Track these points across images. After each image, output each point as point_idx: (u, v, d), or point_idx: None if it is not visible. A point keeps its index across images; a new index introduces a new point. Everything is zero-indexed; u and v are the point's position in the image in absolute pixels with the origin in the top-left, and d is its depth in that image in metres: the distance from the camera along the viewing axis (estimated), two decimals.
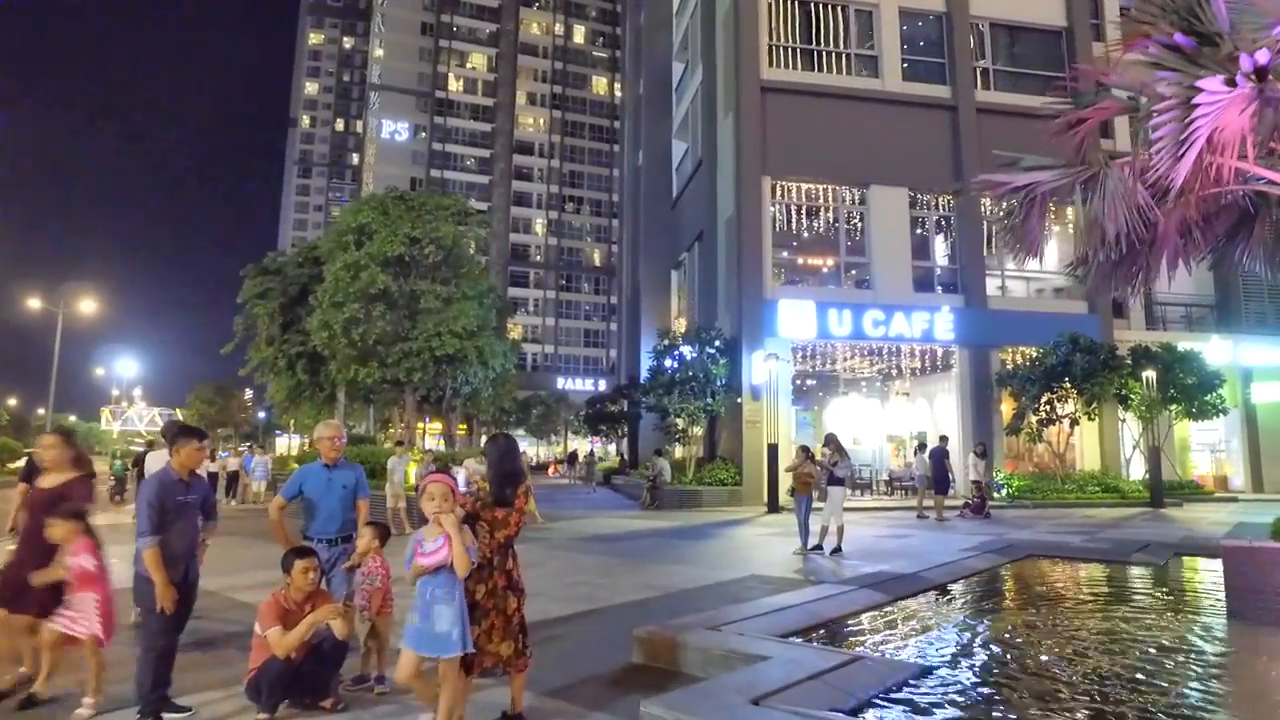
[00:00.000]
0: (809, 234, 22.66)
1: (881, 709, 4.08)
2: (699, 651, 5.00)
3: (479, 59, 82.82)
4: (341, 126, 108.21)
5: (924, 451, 17.64)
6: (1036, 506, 18.77)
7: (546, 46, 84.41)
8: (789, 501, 14.53)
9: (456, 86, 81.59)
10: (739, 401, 20.35)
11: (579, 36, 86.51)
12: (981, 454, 17.47)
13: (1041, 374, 19.80)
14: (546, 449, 67.91)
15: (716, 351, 20.52)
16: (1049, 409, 19.97)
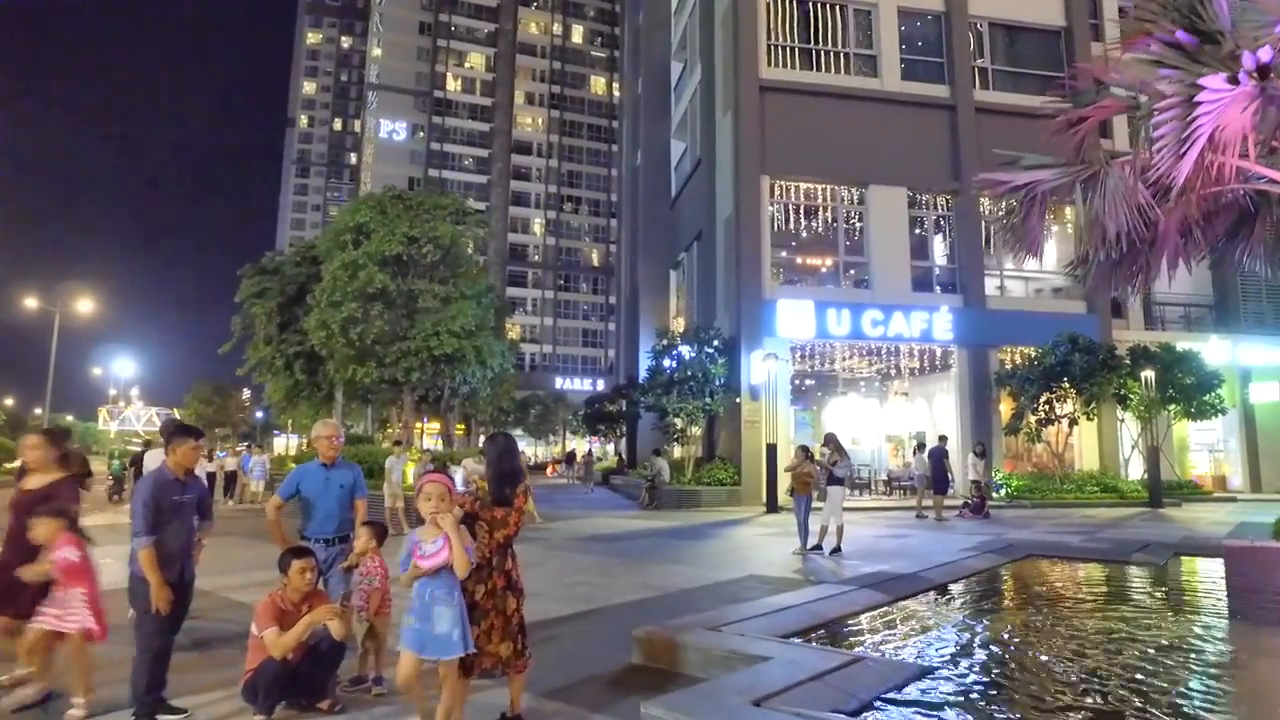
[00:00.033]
0: (808, 234, 22.65)
1: (884, 710, 4.05)
2: (699, 652, 4.97)
3: (477, 58, 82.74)
4: (339, 126, 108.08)
5: (923, 451, 17.64)
6: (1035, 506, 18.77)
7: (545, 46, 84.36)
8: (788, 501, 14.50)
9: (455, 86, 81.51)
10: (738, 401, 20.32)
11: (577, 36, 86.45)
12: (981, 454, 17.48)
13: (1040, 374, 19.79)
14: (545, 449, 67.86)
15: (715, 351, 20.50)
16: (1048, 409, 19.96)
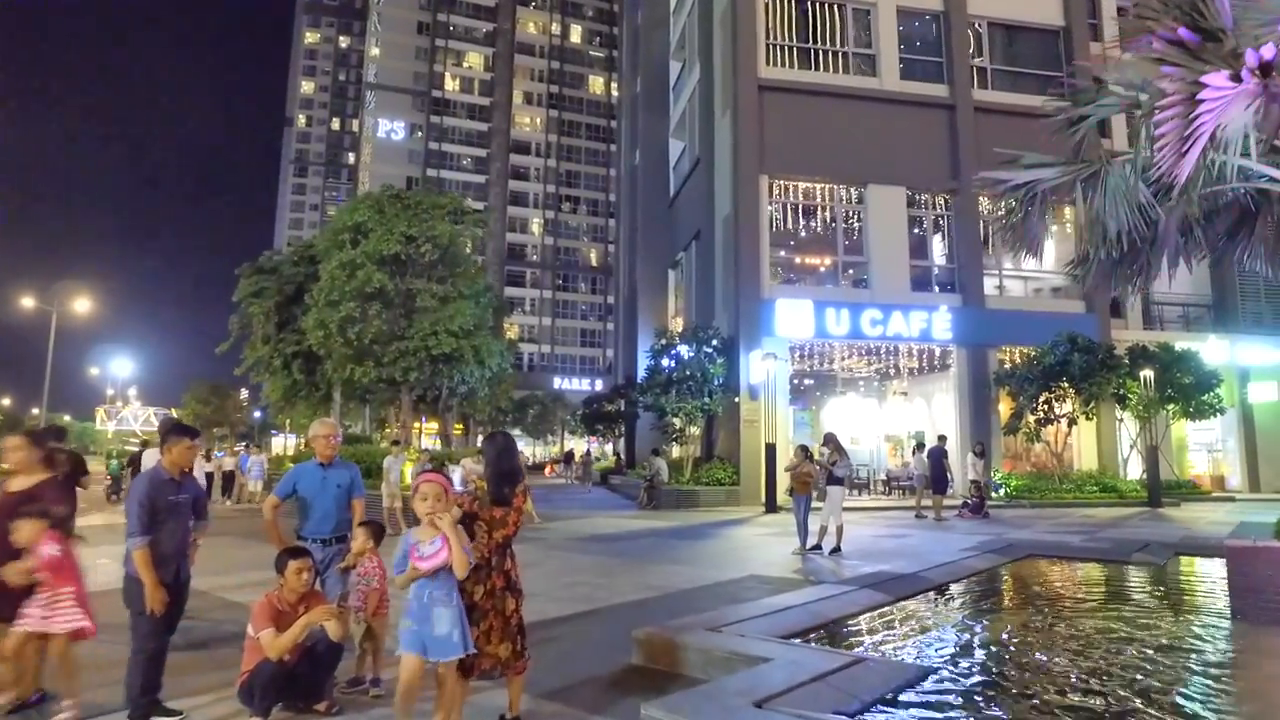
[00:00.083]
0: (806, 233, 22.63)
1: (886, 712, 4.02)
2: (700, 653, 4.93)
3: (475, 58, 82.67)
4: (338, 126, 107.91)
5: (922, 451, 17.62)
6: (1034, 506, 18.75)
7: (543, 46, 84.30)
8: (787, 501, 14.48)
9: (453, 86, 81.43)
10: (736, 401, 20.28)
11: (576, 36, 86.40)
12: (980, 453, 17.48)
13: (1039, 373, 19.77)
14: (543, 449, 67.82)
15: (714, 351, 20.46)
16: (1047, 408, 19.93)
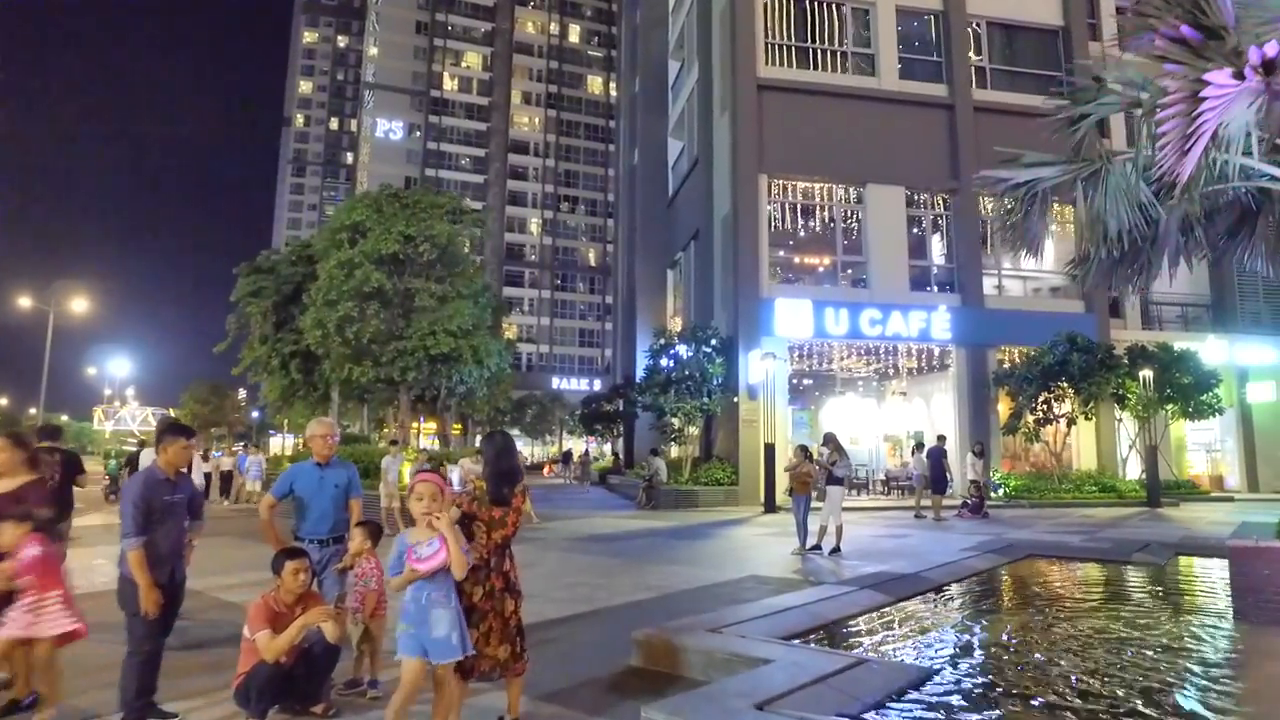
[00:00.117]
0: (805, 233, 22.59)
1: (889, 714, 3.98)
2: (700, 654, 4.89)
3: (474, 58, 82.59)
4: (336, 125, 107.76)
5: (922, 451, 17.59)
6: (1034, 506, 18.73)
7: (542, 45, 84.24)
8: (786, 501, 14.46)
9: (451, 85, 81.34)
10: (735, 401, 20.25)
11: (574, 36, 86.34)
12: (979, 453, 17.45)
13: (1038, 373, 19.74)
14: (541, 449, 67.77)
15: (713, 350, 20.42)
16: (1046, 408, 19.91)
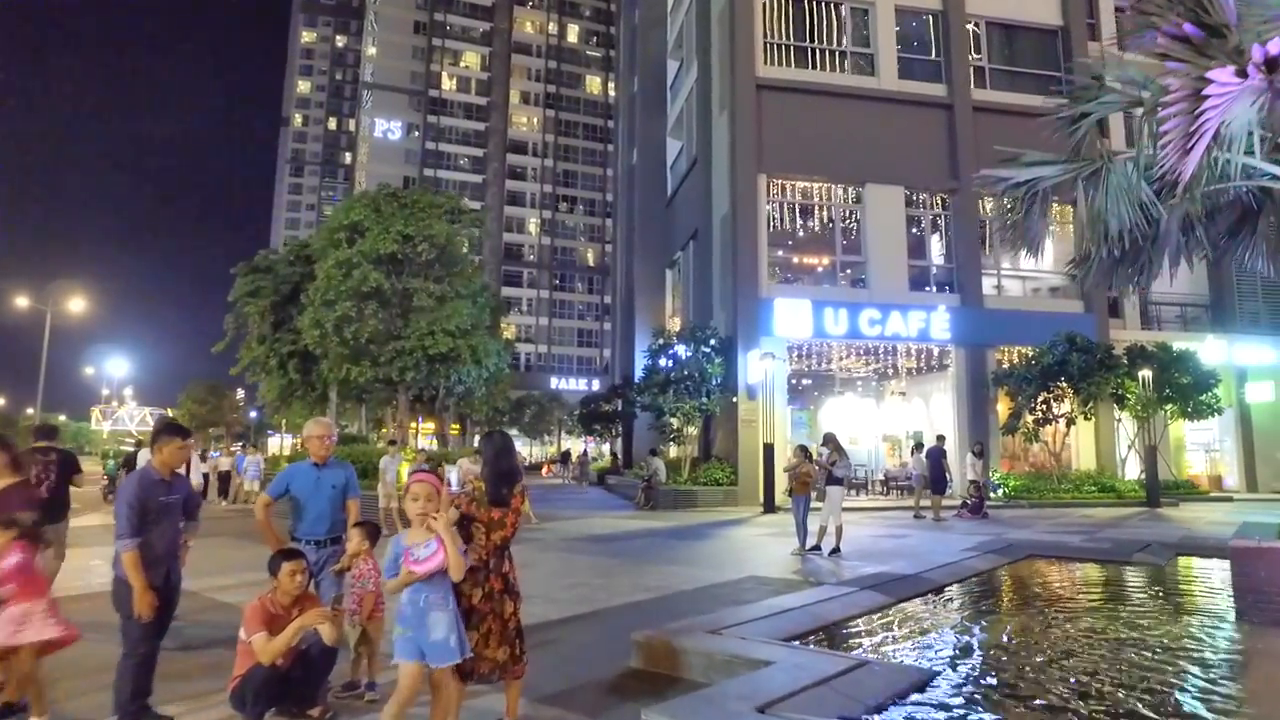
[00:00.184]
0: (804, 232, 22.56)
1: (891, 716, 3.94)
2: (700, 656, 4.86)
3: (472, 58, 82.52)
4: (334, 125, 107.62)
5: (921, 451, 17.56)
6: (1033, 506, 18.72)
7: (540, 45, 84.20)
8: (785, 501, 14.43)
9: (450, 85, 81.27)
10: (734, 401, 20.22)
11: (573, 35, 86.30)
12: (979, 453, 17.43)
13: (1038, 373, 19.72)
14: (540, 449, 67.71)
15: (712, 350, 20.39)
16: (1045, 408, 19.89)
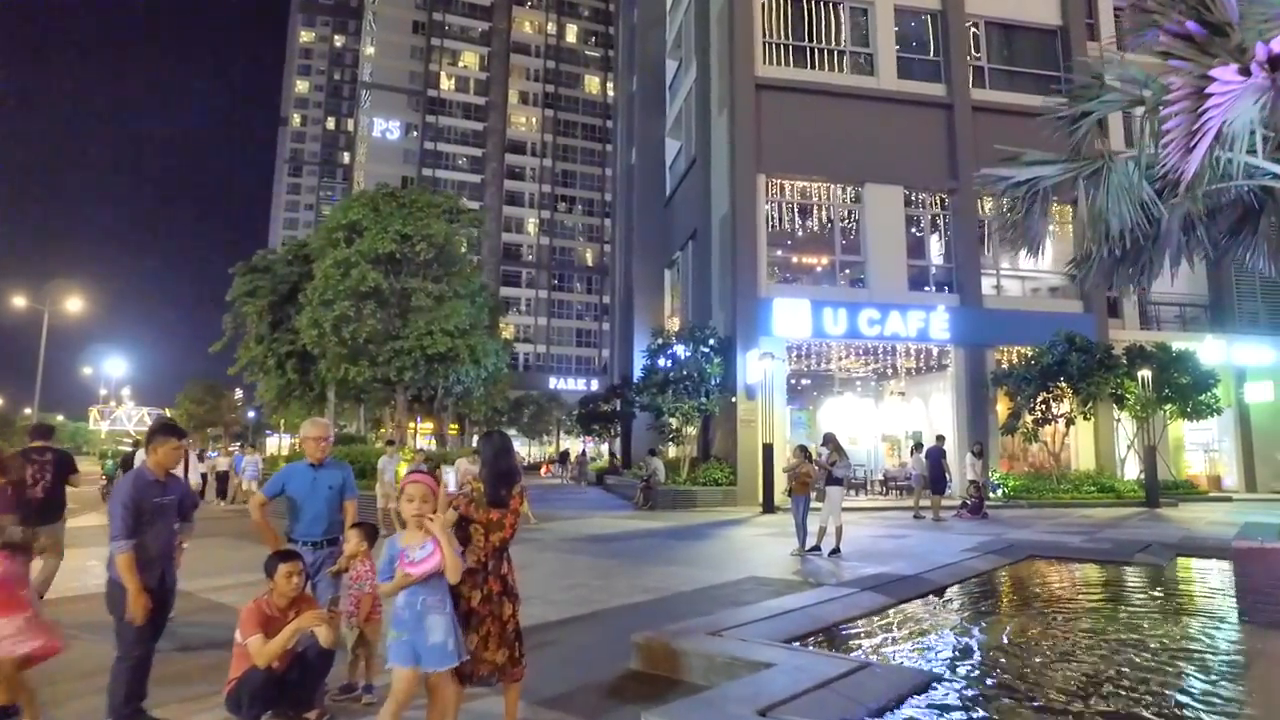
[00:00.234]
0: (804, 232, 22.53)
1: (893, 719, 3.91)
2: (701, 658, 4.82)
3: (471, 57, 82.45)
4: (333, 125, 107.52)
5: (920, 451, 17.54)
6: (1033, 506, 18.69)
7: (539, 45, 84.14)
8: (784, 502, 14.40)
9: (448, 85, 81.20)
10: (733, 401, 20.18)
11: (571, 35, 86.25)
12: (979, 454, 17.41)
13: (1037, 373, 19.70)
14: (539, 449, 67.65)
15: (711, 350, 20.35)
16: (1044, 408, 19.86)
